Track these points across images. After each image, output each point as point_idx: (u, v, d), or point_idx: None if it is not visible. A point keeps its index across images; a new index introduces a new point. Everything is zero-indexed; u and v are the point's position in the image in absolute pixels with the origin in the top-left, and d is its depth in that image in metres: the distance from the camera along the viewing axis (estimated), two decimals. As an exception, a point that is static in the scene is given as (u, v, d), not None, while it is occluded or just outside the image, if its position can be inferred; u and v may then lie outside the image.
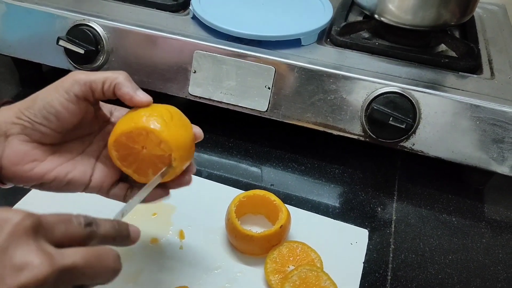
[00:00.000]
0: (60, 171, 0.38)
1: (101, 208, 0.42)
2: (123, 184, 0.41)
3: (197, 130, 0.41)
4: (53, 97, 0.36)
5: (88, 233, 0.30)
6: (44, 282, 0.25)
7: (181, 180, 0.41)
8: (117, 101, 0.39)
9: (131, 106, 0.38)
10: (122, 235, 0.33)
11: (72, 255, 0.27)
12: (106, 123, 0.42)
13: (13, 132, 0.36)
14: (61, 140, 0.38)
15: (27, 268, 0.25)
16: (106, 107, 0.42)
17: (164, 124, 0.36)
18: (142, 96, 0.38)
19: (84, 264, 0.28)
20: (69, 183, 0.38)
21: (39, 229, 0.27)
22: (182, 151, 0.38)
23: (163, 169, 0.38)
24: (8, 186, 0.38)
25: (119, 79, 0.37)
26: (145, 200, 0.39)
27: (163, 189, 0.41)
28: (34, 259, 0.26)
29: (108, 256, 0.29)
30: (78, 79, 0.36)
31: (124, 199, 0.41)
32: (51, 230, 0.28)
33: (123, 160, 0.38)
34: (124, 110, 0.42)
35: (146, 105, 0.38)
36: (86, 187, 0.39)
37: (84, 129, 0.40)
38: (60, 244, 0.28)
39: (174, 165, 0.37)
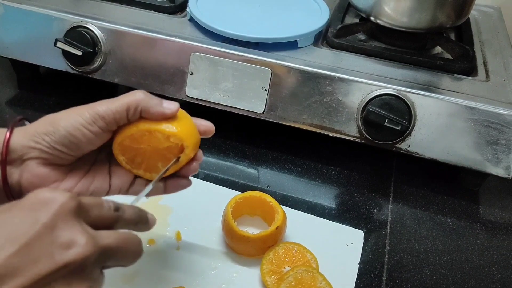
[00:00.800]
0: (82, 186, 0.38)
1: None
2: (141, 180, 0.42)
3: (208, 124, 0.43)
4: (76, 128, 0.35)
5: (116, 217, 0.33)
6: (88, 260, 0.28)
7: (189, 167, 0.42)
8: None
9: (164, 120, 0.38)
10: (142, 221, 0.36)
11: (108, 237, 0.30)
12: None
13: (30, 156, 0.36)
14: (76, 160, 0.38)
15: (74, 246, 0.28)
16: None
17: (175, 122, 0.38)
18: (172, 107, 0.38)
19: (116, 246, 0.31)
20: (93, 195, 0.39)
21: (81, 210, 0.30)
22: (191, 137, 0.39)
23: (175, 160, 0.39)
24: None
25: (143, 103, 0.36)
26: (167, 191, 0.42)
27: (183, 178, 0.42)
28: (80, 239, 0.28)
29: (133, 241, 0.32)
30: (102, 114, 0.36)
31: (165, 190, 0.43)
32: (89, 212, 0.31)
33: (131, 162, 0.39)
34: None
35: (176, 114, 0.38)
36: (107, 193, 0.40)
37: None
38: (94, 225, 0.30)
39: (187, 152, 0.39)
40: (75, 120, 0.36)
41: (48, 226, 0.28)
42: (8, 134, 0.35)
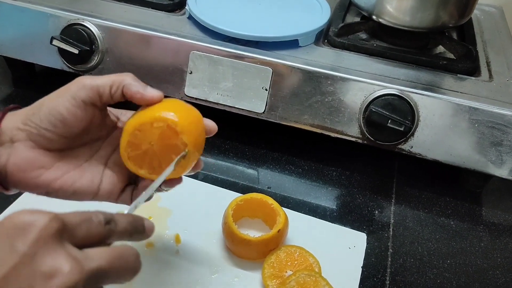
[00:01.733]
0: (66, 180, 0.37)
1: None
2: (130, 187, 0.40)
3: (211, 124, 0.41)
4: (59, 103, 0.35)
5: (108, 231, 0.29)
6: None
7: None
8: (125, 105, 0.39)
9: (142, 104, 0.37)
10: (138, 230, 0.32)
11: (98, 258, 0.27)
12: (113, 129, 0.41)
13: (19, 138, 0.35)
14: (68, 146, 0.37)
15: (57, 275, 0.25)
16: (113, 113, 0.41)
17: (179, 115, 0.36)
18: (153, 92, 0.37)
19: (109, 266, 0.27)
20: (76, 193, 0.37)
21: (64, 231, 0.27)
22: (196, 140, 0.38)
23: (177, 158, 0.37)
24: (12, 192, 0.37)
25: (126, 80, 0.36)
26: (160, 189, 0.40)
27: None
28: (64, 266, 0.25)
29: (129, 256, 0.29)
30: (84, 84, 0.35)
31: (131, 202, 0.40)
32: (75, 230, 0.28)
33: (135, 160, 0.38)
34: (131, 113, 0.41)
35: (158, 101, 0.37)
36: (94, 196, 0.38)
37: (92, 135, 0.39)
38: (82, 244, 0.28)
39: (189, 155, 0.37)
40: (59, 96, 0.35)
41: (27, 255, 0.25)
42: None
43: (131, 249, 0.30)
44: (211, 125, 0.41)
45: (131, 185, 0.40)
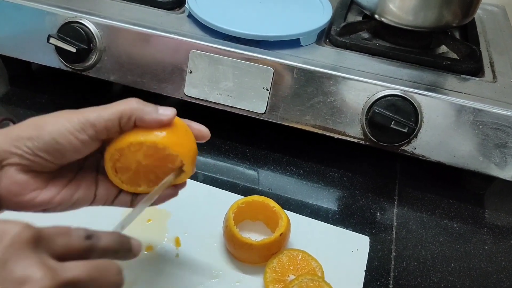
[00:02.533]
0: (64, 194, 0.36)
1: (95, 215, 0.41)
2: (126, 193, 0.39)
3: (203, 129, 0.39)
4: (62, 134, 0.33)
5: (89, 245, 0.29)
6: None
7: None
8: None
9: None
10: (123, 248, 0.31)
11: (74, 269, 0.26)
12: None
13: (9, 162, 0.33)
14: (60, 167, 0.36)
15: (29, 282, 0.24)
16: None
17: (169, 131, 0.35)
18: (168, 113, 0.35)
19: (86, 277, 0.27)
20: (75, 204, 0.36)
21: (39, 241, 0.26)
22: (190, 153, 0.37)
23: (169, 177, 0.36)
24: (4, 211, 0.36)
25: (137, 111, 0.34)
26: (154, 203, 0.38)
27: (170, 189, 0.40)
28: (36, 273, 0.25)
29: (110, 270, 0.28)
30: (92, 122, 0.33)
31: (131, 204, 0.39)
32: (51, 242, 0.27)
33: (130, 182, 0.37)
34: None
35: (173, 120, 0.36)
36: (92, 203, 0.38)
37: None
38: (61, 257, 0.27)
39: (185, 169, 0.36)
40: (62, 126, 0.33)
41: None
42: None
43: (112, 263, 0.29)
44: (203, 130, 0.39)
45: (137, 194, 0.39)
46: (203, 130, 0.40)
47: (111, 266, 0.29)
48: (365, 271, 0.49)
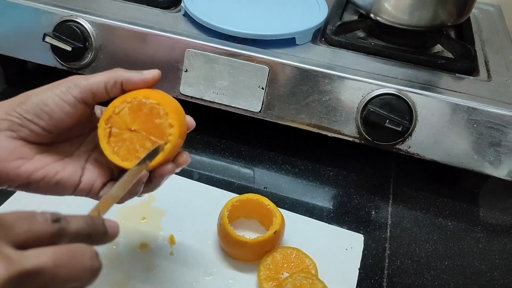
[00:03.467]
0: (49, 170, 0.36)
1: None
2: (111, 183, 0.39)
3: (189, 119, 0.39)
4: (49, 96, 0.34)
5: (57, 230, 0.26)
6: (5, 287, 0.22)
7: (177, 158, 0.38)
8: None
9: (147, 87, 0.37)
10: (97, 231, 0.29)
11: (37, 256, 0.24)
12: (96, 127, 0.40)
13: (0, 128, 0.34)
14: (50, 141, 0.37)
15: None
16: (96, 109, 0.40)
17: (162, 97, 0.36)
18: (152, 73, 0.37)
19: (53, 264, 0.24)
20: (58, 184, 0.36)
21: None
22: (175, 110, 0.36)
23: (157, 146, 0.35)
24: None
25: (123, 75, 0.36)
26: (154, 180, 0.37)
27: (167, 163, 0.37)
28: None
29: (82, 254, 0.26)
30: (78, 83, 0.35)
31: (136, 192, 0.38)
32: (11, 229, 0.25)
33: (117, 148, 0.36)
34: None
35: (159, 79, 0.38)
36: (75, 189, 0.37)
37: (75, 131, 0.38)
38: (25, 245, 0.25)
39: (171, 138, 0.35)
40: (49, 90, 0.35)
41: None
42: None
43: (85, 247, 0.27)
44: (189, 120, 0.39)
45: (112, 181, 0.39)
46: (189, 120, 0.39)
47: (83, 249, 0.26)
48: (359, 269, 0.49)
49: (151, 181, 0.37)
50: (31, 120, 0.34)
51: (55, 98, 0.34)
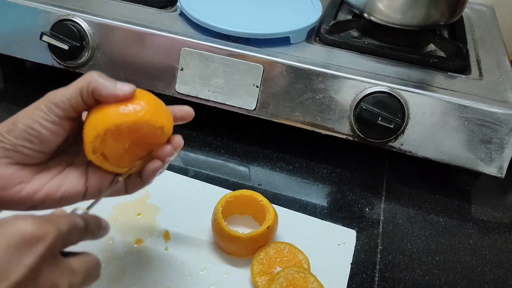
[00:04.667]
0: (50, 187, 0.36)
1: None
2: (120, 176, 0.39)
3: (185, 108, 0.40)
4: (33, 120, 0.34)
5: (83, 234, 0.32)
6: None
7: (163, 149, 0.38)
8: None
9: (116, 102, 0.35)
10: (99, 229, 0.35)
11: (80, 271, 0.30)
12: None
13: None
14: (46, 158, 0.36)
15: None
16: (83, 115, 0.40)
17: (146, 107, 0.35)
18: (125, 89, 0.34)
19: (85, 277, 0.31)
20: (63, 198, 0.36)
21: (64, 242, 0.29)
22: (169, 125, 0.37)
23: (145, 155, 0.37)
24: None
25: (92, 83, 0.34)
26: (143, 179, 0.38)
27: (154, 161, 0.38)
28: (63, 283, 0.28)
29: (95, 265, 0.32)
30: (55, 101, 0.34)
31: (126, 190, 0.39)
32: (66, 241, 0.30)
33: (110, 159, 0.37)
34: None
35: (131, 97, 0.35)
36: (84, 196, 0.37)
37: (68, 141, 0.38)
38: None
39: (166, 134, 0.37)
40: (32, 113, 0.34)
41: (33, 270, 0.26)
42: None
43: (95, 258, 0.32)
44: (186, 109, 0.39)
45: (118, 176, 0.39)
46: (186, 109, 0.40)
47: (95, 261, 0.32)
48: (351, 264, 0.49)
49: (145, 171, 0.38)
50: (23, 145, 0.34)
51: (39, 120, 0.34)
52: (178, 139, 0.38)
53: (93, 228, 0.33)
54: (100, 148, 0.36)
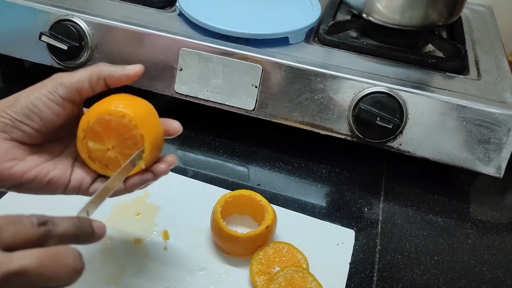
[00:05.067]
0: (40, 170, 0.36)
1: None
2: (102, 179, 0.39)
3: (176, 124, 0.40)
4: (37, 97, 0.35)
5: (43, 233, 0.28)
6: None
7: (158, 166, 0.39)
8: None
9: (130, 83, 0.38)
10: (85, 232, 0.30)
11: (22, 258, 0.26)
12: None
13: None
14: (41, 141, 0.37)
15: None
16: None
17: (132, 109, 0.36)
18: (135, 68, 0.38)
19: (37, 265, 0.26)
20: (50, 183, 0.37)
21: None
22: (153, 137, 0.37)
23: (130, 159, 0.36)
24: None
25: (105, 70, 0.36)
26: (128, 188, 0.38)
27: (146, 172, 0.38)
28: None
29: (66, 255, 0.28)
30: (62, 81, 0.35)
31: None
32: (0, 233, 0.26)
33: (93, 157, 0.37)
34: None
35: (141, 74, 0.38)
36: (66, 188, 0.38)
37: (64, 131, 0.39)
38: (12, 247, 0.26)
39: (145, 152, 0.36)
40: (36, 90, 0.35)
41: None
42: None
43: (69, 248, 0.28)
44: (175, 125, 0.40)
45: (102, 177, 0.39)
46: (175, 125, 0.40)
47: (67, 251, 0.28)
48: (350, 263, 0.50)
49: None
50: (22, 121, 0.35)
51: (43, 98, 0.35)
52: (172, 159, 0.40)
53: (67, 229, 0.29)
54: (87, 140, 0.36)
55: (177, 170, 0.59)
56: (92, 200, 0.33)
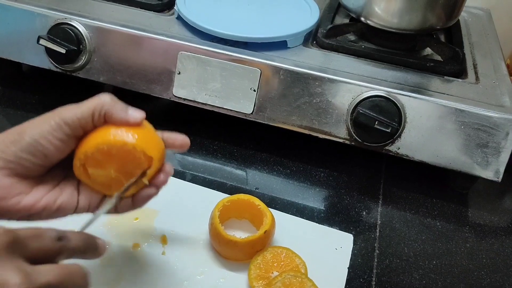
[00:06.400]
0: (48, 199, 0.36)
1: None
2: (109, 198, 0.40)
3: (181, 138, 0.40)
4: (41, 135, 0.34)
5: (60, 247, 0.30)
6: None
7: (157, 179, 0.39)
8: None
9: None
10: (90, 248, 0.33)
11: (47, 274, 0.27)
12: None
13: None
14: (44, 172, 0.37)
15: (6, 287, 0.25)
16: None
17: (132, 135, 0.36)
18: (136, 115, 0.36)
19: (58, 282, 0.28)
20: (59, 209, 0.37)
21: (16, 245, 0.27)
22: (159, 154, 0.37)
23: (138, 176, 0.37)
24: None
25: (107, 106, 0.35)
26: (135, 204, 0.39)
27: (149, 187, 0.39)
28: (14, 278, 0.25)
29: (78, 274, 0.29)
30: (65, 119, 0.35)
31: (116, 209, 0.40)
32: (26, 245, 0.28)
33: (99, 182, 0.38)
34: None
35: (141, 123, 0.37)
36: (75, 210, 0.38)
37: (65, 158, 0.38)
38: (33, 258, 0.28)
39: (152, 169, 0.37)
40: (41, 128, 0.34)
41: None
42: None
43: (81, 268, 0.30)
44: (181, 139, 0.41)
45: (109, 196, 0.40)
46: (180, 139, 0.41)
47: (79, 270, 0.30)
48: (348, 268, 0.49)
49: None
50: (27, 159, 0.34)
51: (47, 136, 0.34)
52: (169, 168, 0.40)
53: (78, 244, 0.31)
54: (87, 168, 0.36)
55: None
56: (95, 217, 0.35)
